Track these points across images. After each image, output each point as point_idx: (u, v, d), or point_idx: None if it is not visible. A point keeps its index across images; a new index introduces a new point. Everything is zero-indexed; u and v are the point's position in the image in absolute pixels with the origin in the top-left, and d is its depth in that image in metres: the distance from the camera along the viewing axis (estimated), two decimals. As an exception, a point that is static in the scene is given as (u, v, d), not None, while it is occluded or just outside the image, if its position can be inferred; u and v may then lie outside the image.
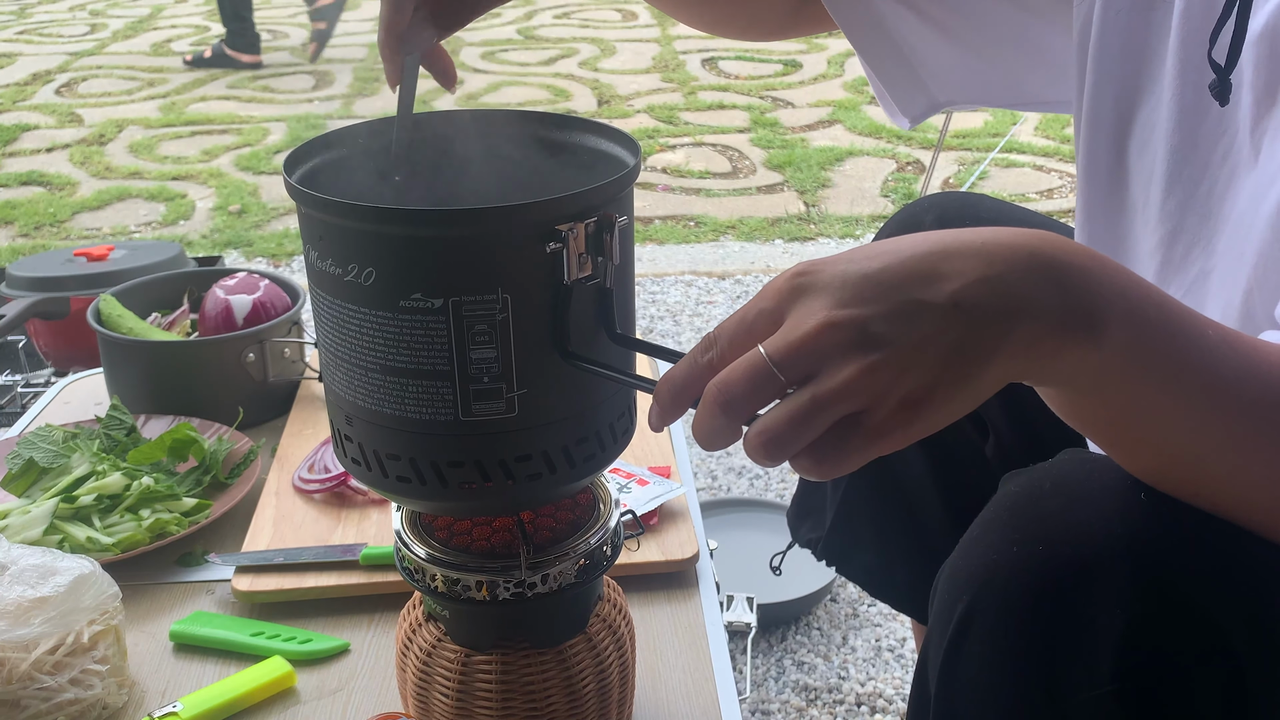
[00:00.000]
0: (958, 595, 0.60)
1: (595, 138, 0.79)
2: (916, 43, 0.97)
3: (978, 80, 0.98)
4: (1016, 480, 0.62)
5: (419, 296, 0.66)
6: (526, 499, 0.75)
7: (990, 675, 0.59)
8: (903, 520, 1.08)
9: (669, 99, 4.34)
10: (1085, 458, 0.61)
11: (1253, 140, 0.69)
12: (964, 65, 0.97)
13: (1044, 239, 0.53)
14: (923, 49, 0.97)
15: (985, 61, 0.96)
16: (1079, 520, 0.57)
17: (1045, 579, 0.57)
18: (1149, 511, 0.57)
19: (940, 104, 1.01)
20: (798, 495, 1.20)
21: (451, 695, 0.81)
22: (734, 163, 3.67)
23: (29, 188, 3.55)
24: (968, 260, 0.52)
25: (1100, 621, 0.55)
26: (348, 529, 1.12)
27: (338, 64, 4.94)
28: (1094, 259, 0.53)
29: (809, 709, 1.48)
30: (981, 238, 0.53)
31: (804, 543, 1.18)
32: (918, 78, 1.00)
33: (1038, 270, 0.52)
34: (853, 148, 3.73)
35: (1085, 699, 0.56)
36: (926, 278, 0.51)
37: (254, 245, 3.09)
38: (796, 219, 3.22)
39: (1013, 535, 0.59)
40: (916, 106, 1.01)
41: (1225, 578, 0.55)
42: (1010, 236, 0.53)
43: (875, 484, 1.09)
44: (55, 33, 5.65)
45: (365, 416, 0.71)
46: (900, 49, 0.98)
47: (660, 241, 3.09)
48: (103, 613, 0.92)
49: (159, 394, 1.32)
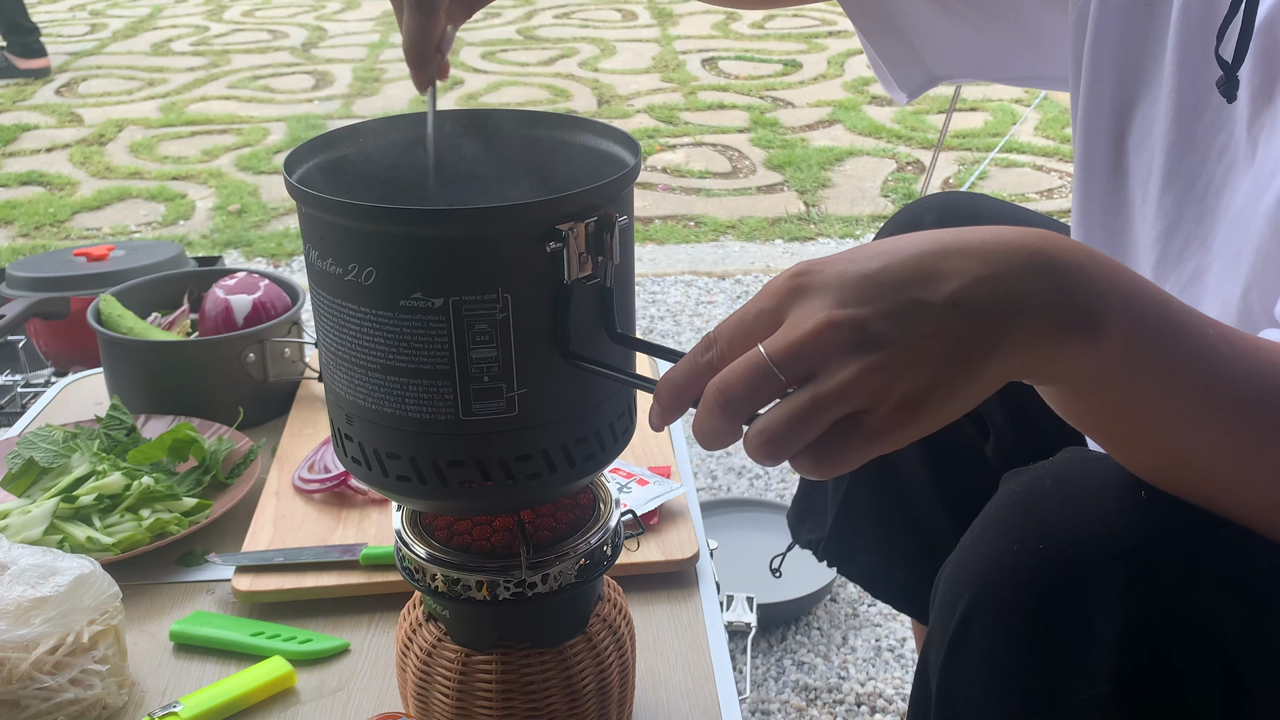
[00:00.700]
0: (958, 595, 0.60)
1: (595, 137, 0.79)
2: (914, 17, 0.97)
3: (975, 55, 0.98)
4: (1017, 479, 0.62)
5: (419, 296, 0.66)
6: (526, 498, 0.75)
7: (991, 674, 0.59)
8: (903, 520, 1.08)
9: (669, 99, 4.34)
10: (1085, 456, 0.61)
11: (1250, 136, 0.69)
12: (961, 40, 0.97)
13: (1044, 238, 0.53)
14: (920, 23, 0.97)
15: (983, 36, 0.96)
16: (1079, 519, 0.57)
17: (1045, 578, 0.57)
18: (1149, 511, 0.57)
19: (938, 78, 1.01)
20: (798, 496, 1.20)
21: (451, 695, 0.81)
22: (734, 163, 3.68)
23: (29, 188, 3.55)
24: (967, 259, 0.52)
25: (1099, 621, 0.55)
26: (348, 529, 1.12)
27: (338, 64, 4.94)
28: (1093, 258, 0.53)
29: (809, 709, 1.48)
30: (980, 237, 0.53)
31: (805, 544, 1.18)
32: (915, 52, 1.00)
33: (1037, 269, 0.52)
34: (853, 148, 3.73)
35: (1084, 699, 0.56)
36: (926, 277, 0.51)
37: (254, 245, 3.09)
38: (796, 219, 3.22)
39: (1013, 534, 0.59)
40: (913, 81, 1.01)
41: (1225, 578, 0.55)
42: (1010, 235, 0.53)
43: (876, 484, 1.09)
44: (55, 33, 5.65)
45: (365, 416, 0.71)
46: (897, 23, 0.98)
47: (660, 241, 3.09)
48: (103, 613, 0.92)
49: (159, 394, 1.32)
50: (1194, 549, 0.56)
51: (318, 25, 5.76)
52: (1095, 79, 0.80)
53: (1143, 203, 0.78)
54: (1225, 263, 0.70)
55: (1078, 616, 0.56)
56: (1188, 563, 0.55)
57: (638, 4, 6.10)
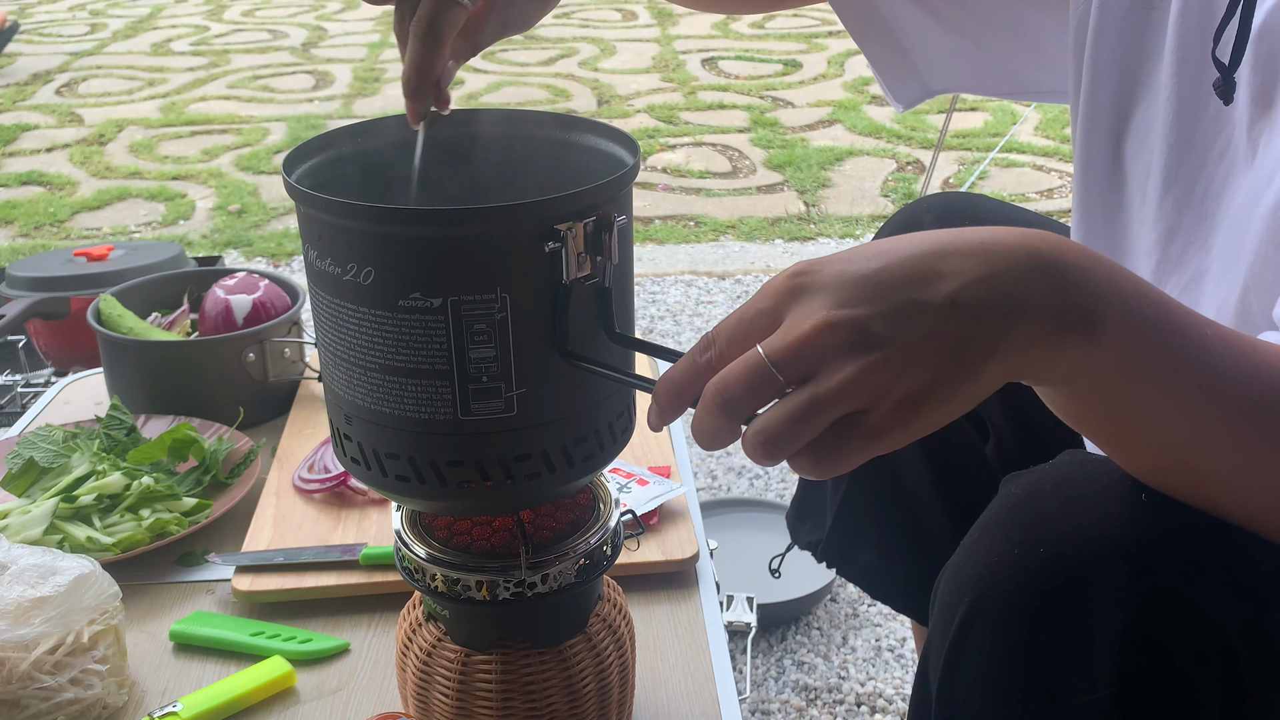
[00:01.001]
0: (959, 598, 0.60)
1: (595, 137, 0.79)
2: (911, 29, 0.97)
3: (973, 68, 0.98)
4: (1017, 482, 0.62)
5: (418, 296, 0.66)
6: (526, 499, 0.75)
7: (991, 677, 0.59)
8: (903, 522, 1.08)
9: (669, 99, 4.34)
10: (1085, 459, 0.61)
11: (1249, 139, 0.69)
12: (959, 53, 0.97)
13: (1042, 238, 0.53)
14: (918, 36, 0.97)
15: (981, 50, 0.96)
16: (1079, 521, 0.57)
17: (1046, 581, 0.57)
18: (1149, 513, 0.57)
19: (934, 91, 1.01)
20: (797, 497, 1.20)
21: (451, 695, 0.81)
22: (734, 163, 3.68)
23: (29, 188, 3.55)
24: (966, 260, 0.52)
25: (1100, 623, 0.55)
26: (348, 529, 1.12)
27: (338, 64, 4.94)
28: (1092, 258, 0.53)
29: (809, 709, 1.48)
30: (980, 237, 0.53)
31: (804, 545, 1.17)
32: (912, 64, 1.00)
33: (1036, 270, 0.52)
34: (853, 148, 3.73)
35: (1085, 701, 0.56)
36: (925, 277, 0.51)
37: (254, 245, 3.09)
38: (796, 219, 3.22)
39: (1013, 537, 0.59)
40: (910, 93, 1.01)
41: (1226, 580, 0.55)
42: (1009, 236, 0.53)
43: (876, 486, 1.08)
44: (55, 33, 5.65)
45: (364, 416, 0.71)
46: (895, 35, 0.98)
47: (660, 241, 3.09)
48: (103, 612, 0.92)
49: (159, 394, 1.32)
50: (1194, 551, 0.56)
51: (318, 25, 5.76)
52: (1095, 82, 0.80)
53: (1142, 205, 0.78)
54: (1224, 265, 0.70)
55: (1078, 619, 0.56)
56: (1188, 564, 0.55)
57: (638, 4, 6.10)
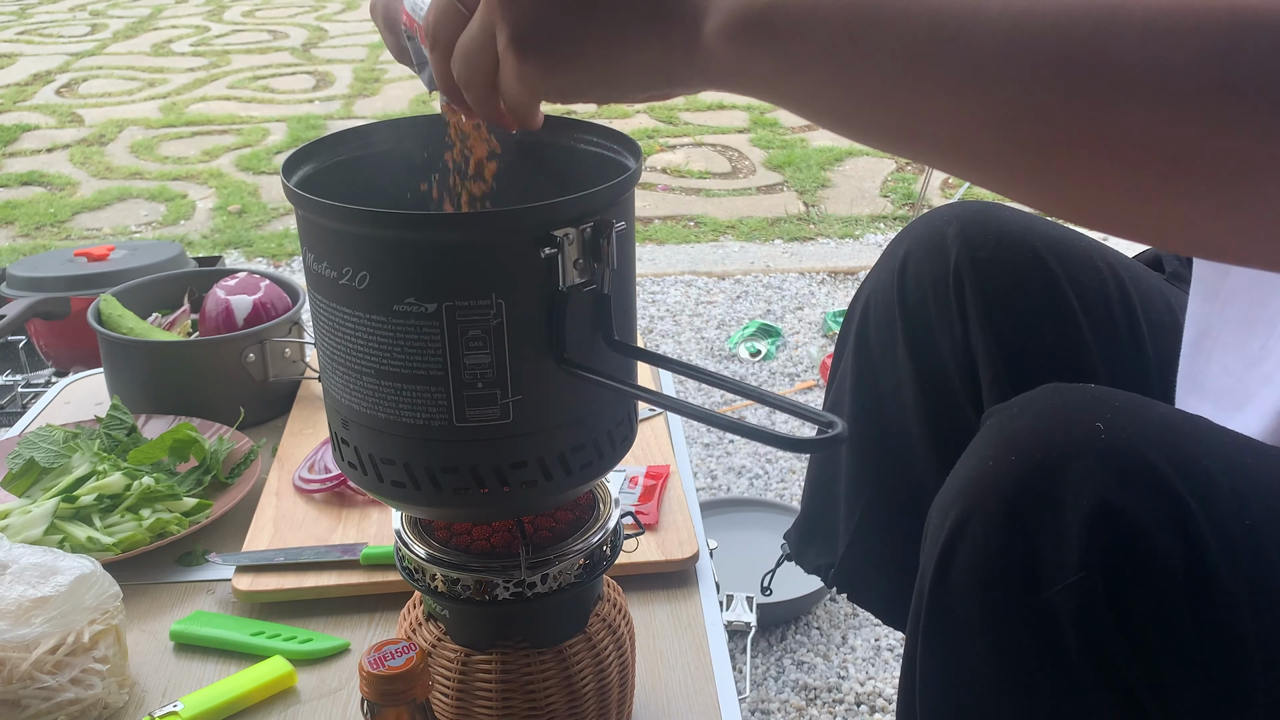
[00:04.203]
0: (943, 518, 0.64)
1: (595, 140, 0.79)
2: None
3: None
4: (992, 415, 0.66)
5: (412, 301, 0.66)
6: (522, 506, 0.75)
7: (978, 583, 0.62)
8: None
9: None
10: (1058, 387, 0.64)
11: None
12: None
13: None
14: None
15: None
16: (1048, 431, 0.61)
17: (1018, 481, 0.61)
18: (1119, 416, 0.60)
19: None
20: (801, 520, 1.18)
21: (451, 695, 0.81)
22: (734, 163, 3.68)
23: (29, 188, 3.56)
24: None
25: (1069, 509, 0.59)
26: (348, 529, 1.12)
27: (338, 64, 4.94)
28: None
29: (809, 708, 1.49)
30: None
31: (812, 569, 1.16)
32: None
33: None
34: (852, 148, 3.73)
35: (1060, 588, 0.59)
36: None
37: (254, 245, 3.10)
38: (796, 219, 3.22)
39: (986, 453, 0.63)
40: None
41: (1180, 456, 0.59)
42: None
43: (893, 509, 1.06)
44: (55, 33, 5.65)
45: (361, 420, 0.71)
46: None
47: (660, 242, 3.09)
48: (103, 612, 0.92)
49: (159, 394, 1.33)
50: (1160, 440, 0.59)
51: (318, 25, 5.76)
52: None
53: None
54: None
55: (1048, 511, 0.59)
56: (1154, 449, 0.59)
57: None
